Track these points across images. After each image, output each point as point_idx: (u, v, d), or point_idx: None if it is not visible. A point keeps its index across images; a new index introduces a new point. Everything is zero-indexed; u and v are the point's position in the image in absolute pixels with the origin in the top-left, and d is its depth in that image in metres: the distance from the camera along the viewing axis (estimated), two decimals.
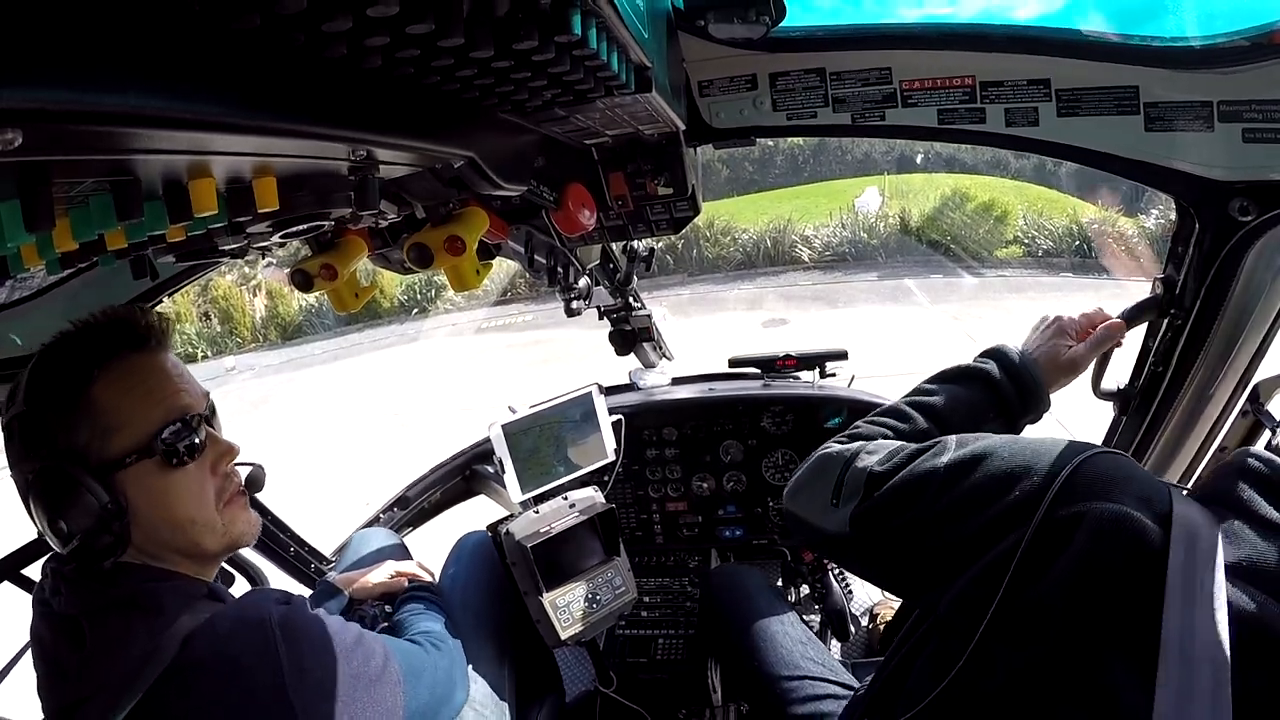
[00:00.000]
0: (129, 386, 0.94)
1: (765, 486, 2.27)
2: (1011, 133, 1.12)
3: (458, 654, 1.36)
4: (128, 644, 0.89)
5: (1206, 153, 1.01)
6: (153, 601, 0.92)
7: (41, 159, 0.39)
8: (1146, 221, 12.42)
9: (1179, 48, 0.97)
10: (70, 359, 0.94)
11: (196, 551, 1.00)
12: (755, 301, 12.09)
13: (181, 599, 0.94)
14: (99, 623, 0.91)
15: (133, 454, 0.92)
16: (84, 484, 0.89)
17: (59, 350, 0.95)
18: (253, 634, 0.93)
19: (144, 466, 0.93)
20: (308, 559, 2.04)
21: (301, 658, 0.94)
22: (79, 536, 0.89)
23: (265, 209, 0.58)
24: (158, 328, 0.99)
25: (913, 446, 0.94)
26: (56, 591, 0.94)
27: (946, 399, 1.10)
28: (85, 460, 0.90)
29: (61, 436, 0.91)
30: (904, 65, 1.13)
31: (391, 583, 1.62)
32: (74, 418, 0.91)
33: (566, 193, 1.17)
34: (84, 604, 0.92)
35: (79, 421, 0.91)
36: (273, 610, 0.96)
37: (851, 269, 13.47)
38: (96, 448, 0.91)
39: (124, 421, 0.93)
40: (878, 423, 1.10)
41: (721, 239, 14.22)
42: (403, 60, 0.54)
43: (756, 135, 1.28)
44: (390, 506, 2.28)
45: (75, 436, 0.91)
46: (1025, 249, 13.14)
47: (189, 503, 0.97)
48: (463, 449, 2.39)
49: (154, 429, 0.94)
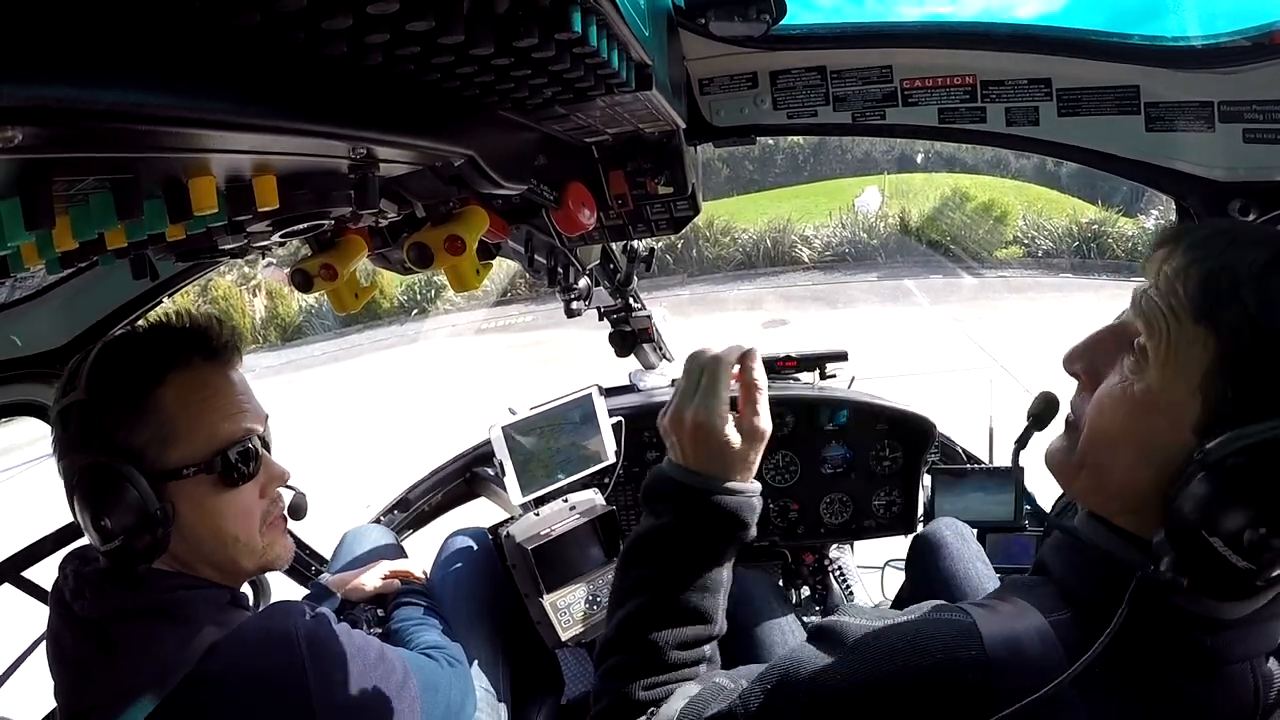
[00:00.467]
0: (199, 397, 0.94)
1: (766, 488, 2.26)
2: (1012, 132, 1.12)
3: (467, 670, 1.37)
4: (155, 652, 0.88)
5: (1207, 153, 1.01)
6: (182, 610, 0.92)
7: (41, 156, 0.39)
8: (1147, 222, 12.44)
9: (1180, 48, 0.97)
10: (143, 356, 0.92)
11: (232, 569, 0.99)
12: (755, 302, 12.09)
13: (210, 608, 0.94)
14: (126, 629, 0.90)
15: (192, 467, 0.92)
16: (137, 487, 0.87)
17: (130, 345, 0.94)
18: (279, 647, 0.92)
19: (199, 480, 0.93)
20: (308, 561, 2.04)
21: (327, 673, 0.93)
22: (121, 537, 0.87)
23: (265, 208, 0.57)
24: (233, 341, 0.99)
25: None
26: (80, 594, 0.92)
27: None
28: (140, 461, 0.89)
29: (121, 433, 0.89)
30: (905, 64, 1.13)
31: (384, 585, 1.61)
32: (137, 417, 0.90)
33: (566, 192, 1.16)
34: (110, 609, 0.91)
35: (141, 421, 0.90)
36: (300, 624, 0.95)
37: (851, 269, 13.48)
38: (154, 452, 0.90)
39: (188, 431, 0.92)
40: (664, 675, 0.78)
41: (721, 239, 14.23)
42: (403, 57, 0.54)
43: (757, 134, 1.28)
44: (390, 509, 2.27)
45: (134, 436, 0.89)
46: (1025, 249, 13.15)
47: (235, 522, 0.97)
48: (463, 451, 2.38)
49: (218, 446, 0.94)
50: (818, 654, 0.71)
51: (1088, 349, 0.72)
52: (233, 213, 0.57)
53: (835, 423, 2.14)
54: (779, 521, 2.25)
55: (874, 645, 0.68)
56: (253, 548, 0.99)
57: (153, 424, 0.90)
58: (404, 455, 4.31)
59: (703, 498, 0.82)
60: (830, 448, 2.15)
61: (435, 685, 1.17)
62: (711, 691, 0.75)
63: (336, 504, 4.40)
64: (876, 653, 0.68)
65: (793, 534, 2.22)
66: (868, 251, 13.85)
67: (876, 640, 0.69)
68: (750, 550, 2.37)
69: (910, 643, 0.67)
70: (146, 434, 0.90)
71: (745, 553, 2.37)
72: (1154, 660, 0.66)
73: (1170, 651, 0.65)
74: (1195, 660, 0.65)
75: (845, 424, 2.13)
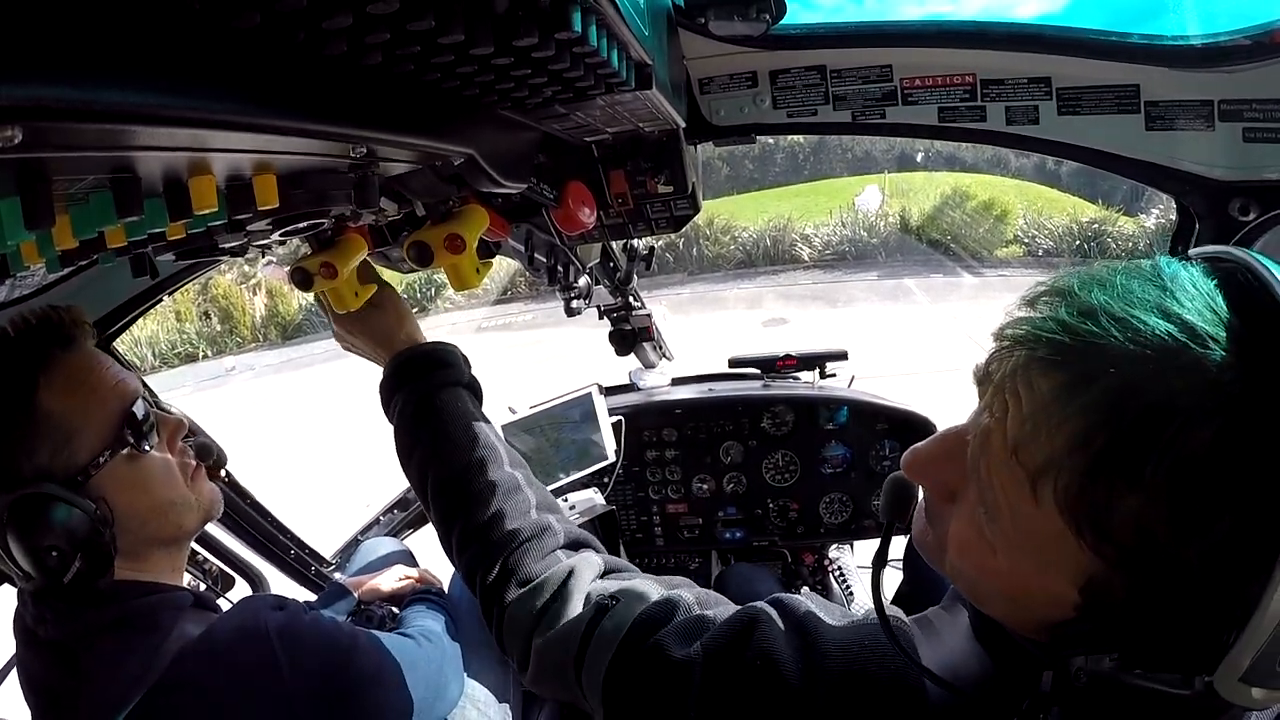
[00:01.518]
0: (74, 386, 0.89)
1: (766, 488, 2.27)
2: (1012, 131, 1.12)
3: (451, 650, 1.36)
4: (124, 664, 0.87)
5: (1207, 152, 1.01)
6: (146, 619, 0.90)
7: (41, 156, 0.39)
8: (1147, 222, 12.44)
9: (1180, 47, 0.97)
10: (6, 374, 0.87)
11: (179, 534, 0.98)
12: (755, 300, 12.09)
13: (174, 612, 0.93)
14: (92, 647, 0.88)
15: (103, 452, 0.89)
16: (70, 501, 0.84)
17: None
18: (252, 644, 0.92)
19: (115, 462, 0.90)
20: (309, 561, 2.04)
21: (301, 664, 0.93)
22: (78, 558, 0.84)
23: (265, 206, 0.57)
24: (79, 318, 0.94)
25: None
26: (41, 619, 0.90)
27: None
28: (52, 475, 0.85)
29: (24, 461, 0.85)
30: (904, 63, 1.13)
31: (400, 586, 1.64)
32: (29, 433, 0.85)
33: (566, 190, 1.16)
34: (74, 630, 0.89)
35: (35, 435, 0.86)
36: (269, 618, 0.94)
37: (851, 268, 13.48)
38: (62, 460, 0.86)
39: (82, 423, 0.88)
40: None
41: (721, 238, 14.23)
42: (403, 57, 0.54)
43: (757, 133, 1.27)
44: (390, 509, 2.28)
45: (36, 453, 0.85)
46: (1025, 248, 13.15)
47: (164, 484, 0.95)
48: None
49: (115, 420, 0.90)
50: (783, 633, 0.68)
51: (927, 464, 0.59)
52: (233, 211, 0.57)
53: (835, 422, 2.14)
54: (779, 521, 2.25)
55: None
56: (188, 503, 0.98)
57: (46, 432, 0.86)
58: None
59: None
60: (830, 447, 2.15)
61: (412, 664, 1.16)
62: (670, 606, 0.74)
63: (337, 504, 4.40)
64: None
65: (793, 534, 2.23)
66: (868, 250, 13.85)
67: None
68: (750, 550, 2.38)
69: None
70: (47, 448, 0.86)
71: (745, 552, 2.38)
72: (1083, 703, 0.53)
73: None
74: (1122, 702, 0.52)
75: (845, 423, 2.13)
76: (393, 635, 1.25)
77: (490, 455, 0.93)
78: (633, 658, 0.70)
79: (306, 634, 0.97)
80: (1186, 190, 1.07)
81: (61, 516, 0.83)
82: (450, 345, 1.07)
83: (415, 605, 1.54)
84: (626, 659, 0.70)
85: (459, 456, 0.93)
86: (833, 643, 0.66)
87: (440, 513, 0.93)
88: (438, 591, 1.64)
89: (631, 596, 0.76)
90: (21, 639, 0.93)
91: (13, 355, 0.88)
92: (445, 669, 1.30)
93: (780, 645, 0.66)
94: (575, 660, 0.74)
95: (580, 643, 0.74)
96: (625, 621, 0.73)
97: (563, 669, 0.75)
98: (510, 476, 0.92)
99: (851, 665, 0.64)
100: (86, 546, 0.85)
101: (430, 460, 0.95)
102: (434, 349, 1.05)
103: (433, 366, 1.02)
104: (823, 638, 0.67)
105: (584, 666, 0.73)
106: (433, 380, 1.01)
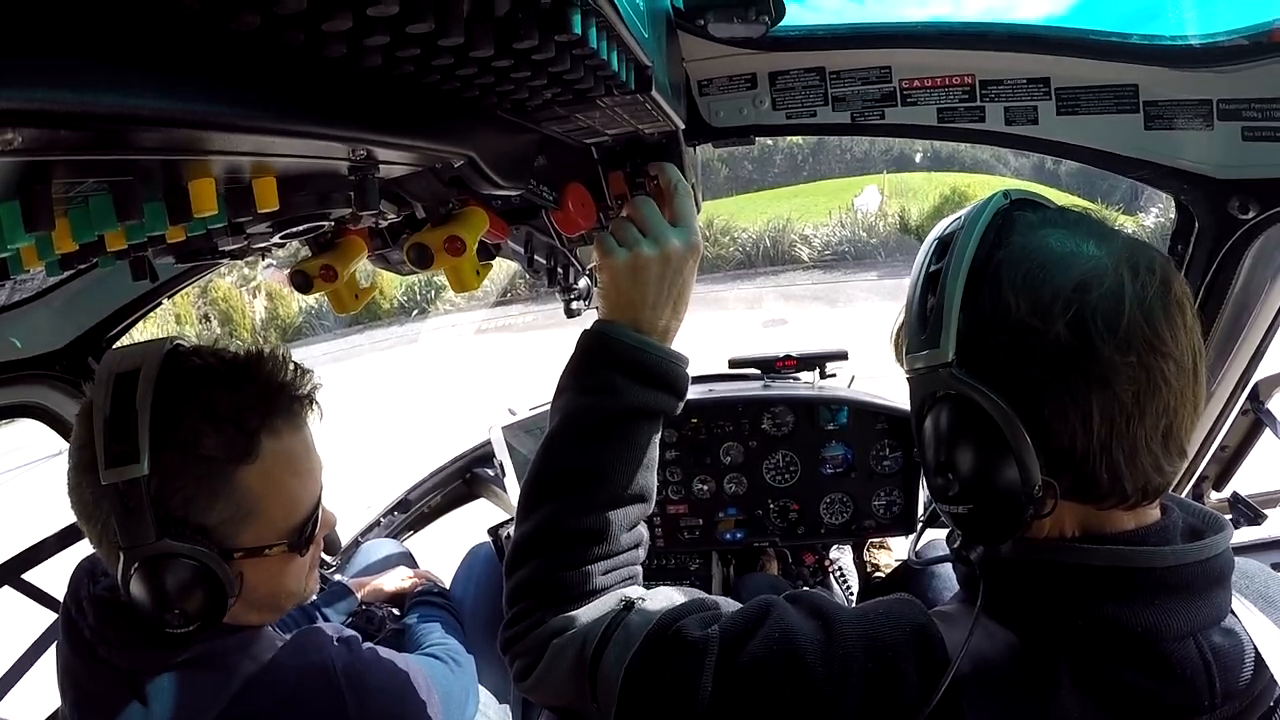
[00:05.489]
0: (285, 470, 0.86)
1: (766, 488, 2.27)
2: (1011, 131, 1.12)
3: (471, 667, 1.39)
4: (190, 699, 0.85)
5: (1206, 151, 1.01)
6: (218, 660, 0.88)
7: (41, 159, 0.39)
8: (1146, 220, 12.44)
9: (1178, 46, 0.97)
10: (222, 426, 0.81)
11: (276, 614, 0.97)
12: (755, 301, 12.10)
13: (243, 650, 0.91)
14: (161, 680, 0.85)
15: (273, 546, 0.86)
16: (217, 570, 0.80)
17: (201, 407, 0.81)
18: (318, 684, 0.91)
19: (272, 553, 0.87)
20: None
21: (365, 702, 0.93)
22: (196, 620, 0.81)
23: (265, 209, 0.57)
24: (311, 387, 0.89)
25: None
26: (104, 639, 0.85)
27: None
28: (209, 537, 0.81)
29: (194, 513, 0.80)
30: (903, 64, 1.13)
31: (402, 586, 1.64)
32: (215, 497, 0.81)
33: (566, 192, 1.17)
34: (146, 663, 0.86)
35: (220, 501, 0.81)
36: (334, 655, 0.94)
37: (851, 268, 13.49)
38: (230, 533, 0.83)
39: (269, 510, 0.85)
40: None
41: (721, 238, 14.24)
42: (402, 59, 0.54)
43: (756, 134, 1.28)
44: (390, 510, 2.28)
45: (208, 515, 0.81)
46: None
47: (296, 578, 0.94)
48: (463, 452, 2.38)
49: (299, 522, 0.88)
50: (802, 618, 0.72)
51: None
52: (233, 214, 0.57)
53: (835, 422, 2.14)
54: (779, 522, 2.25)
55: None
56: (303, 594, 0.97)
57: (233, 504, 0.82)
58: (404, 455, 4.31)
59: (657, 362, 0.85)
60: (830, 447, 2.15)
61: (449, 693, 1.19)
62: (694, 605, 0.76)
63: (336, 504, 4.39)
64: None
65: (793, 534, 2.22)
66: (867, 250, 13.86)
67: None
68: (751, 551, 2.37)
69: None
70: (223, 511, 0.82)
71: (745, 553, 2.37)
72: (1085, 648, 0.65)
73: (1091, 631, 0.65)
74: (1127, 643, 0.64)
75: (845, 423, 2.13)
76: (430, 660, 1.27)
77: (642, 509, 0.85)
78: (655, 646, 0.72)
79: (371, 674, 0.98)
80: (1185, 189, 1.07)
81: (205, 587, 0.80)
82: (685, 369, 0.89)
83: (419, 608, 1.54)
84: (650, 649, 0.72)
85: (619, 483, 0.83)
86: (849, 615, 0.71)
87: (562, 498, 0.83)
88: (439, 591, 1.64)
89: (659, 597, 0.78)
90: (73, 645, 0.88)
91: (239, 409, 0.82)
92: (468, 688, 1.33)
93: (798, 621, 0.70)
94: (594, 654, 0.74)
95: (602, 636, 0.74)
96: (651, 618, 0.74)
97: (578, 664, 0.74)
98: (640, 535, 0.86)
99: (871, 628, 0.69)
100: (208, 616, 0.82)
101: (594, 465, 0.83)
102: (683, 371, 0.89)
103: (667, 384, 0.87)
104: (840, 613, 0.71)
105: (601, 660, 0.73)
106: (661, 403, 0.86)
